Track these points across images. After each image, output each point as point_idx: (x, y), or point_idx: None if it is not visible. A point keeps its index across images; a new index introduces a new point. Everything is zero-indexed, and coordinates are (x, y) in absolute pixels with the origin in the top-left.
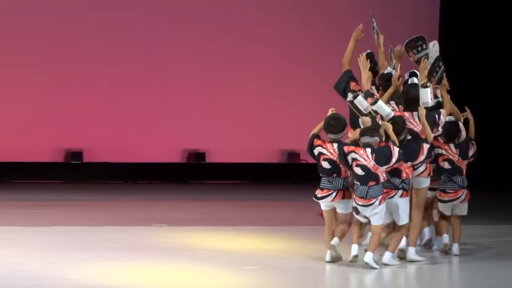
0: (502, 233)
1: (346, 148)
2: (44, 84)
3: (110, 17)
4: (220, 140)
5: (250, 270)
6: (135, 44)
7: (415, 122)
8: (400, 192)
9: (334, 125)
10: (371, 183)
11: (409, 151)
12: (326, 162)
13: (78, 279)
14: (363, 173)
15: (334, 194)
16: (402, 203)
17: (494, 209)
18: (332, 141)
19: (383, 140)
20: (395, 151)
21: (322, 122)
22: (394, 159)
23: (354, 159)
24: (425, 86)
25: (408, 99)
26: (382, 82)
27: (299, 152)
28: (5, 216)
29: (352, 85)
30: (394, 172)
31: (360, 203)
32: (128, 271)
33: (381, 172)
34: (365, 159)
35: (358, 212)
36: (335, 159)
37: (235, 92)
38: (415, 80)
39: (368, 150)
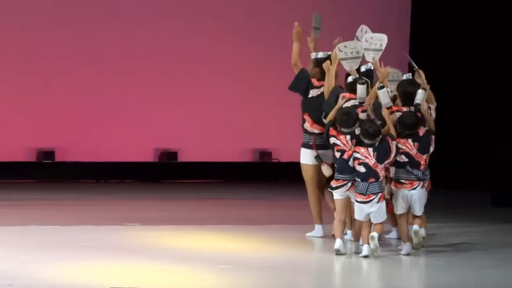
0: (463, 231)
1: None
2: (14, 83)
3: (81, 12)
4: (192, 139)
5: (224, 269)
6: (107, 42)
7: None
8: (421, 183)
9: (346, 121)
10: (371, 180)
11: (424, 144)
12: (340, 153)
13: (51, 279)
14: (365, 170)
15: (349, 184)
16: (422, 194)
17: (456, 207)
18: (345, 133)
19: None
20: (393, 145)
21: (336, 110)
22: (392, 154)
23: (356, 158)
24: (381, 87)
25: (405, 93)
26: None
27: (271, 151)
28: None
29: (314, 81)
30: (414, 164)
31: (359, 200)
32: (101, 270)
33: (381, 169)
34: (366, 157)
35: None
36: (348, 150)
37: (206, 91)
38: (410, 75)
39: (370, 148)
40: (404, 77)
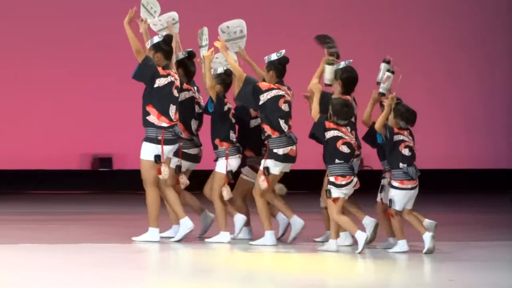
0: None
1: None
2: (66, 84)
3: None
4: None
5: None
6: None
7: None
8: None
9: (348, 112)
10: (414, 162)
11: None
12: (346, 146)
13: None
14: (410, 153)
15: (355, 180)
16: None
17: None
18: (345, 125)
19: None
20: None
21: (316, 105)
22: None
23: (402, 141)
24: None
25: (349, 79)
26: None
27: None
28: (22, 232)
29: (160, 69)
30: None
31: (409, 187)
32: None
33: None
34: (410, 140)
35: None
36: (352, 142)
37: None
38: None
39: (408, 131)
40: (343, 64)
